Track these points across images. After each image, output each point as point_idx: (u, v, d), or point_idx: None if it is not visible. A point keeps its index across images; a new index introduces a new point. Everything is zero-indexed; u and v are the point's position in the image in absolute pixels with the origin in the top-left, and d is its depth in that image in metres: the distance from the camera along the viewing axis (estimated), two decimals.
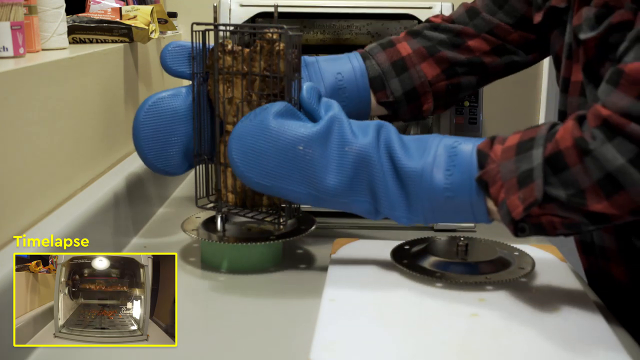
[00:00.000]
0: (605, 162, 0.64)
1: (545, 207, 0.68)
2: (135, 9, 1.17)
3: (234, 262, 0.89)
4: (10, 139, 0.74)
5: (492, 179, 0.72)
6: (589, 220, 0.67)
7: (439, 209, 0.76)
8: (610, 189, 0.64)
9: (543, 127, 0.71)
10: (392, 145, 0.77)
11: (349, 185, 0.77)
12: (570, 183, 0.66)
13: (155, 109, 0.89)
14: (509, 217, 0.71)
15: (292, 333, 0.74)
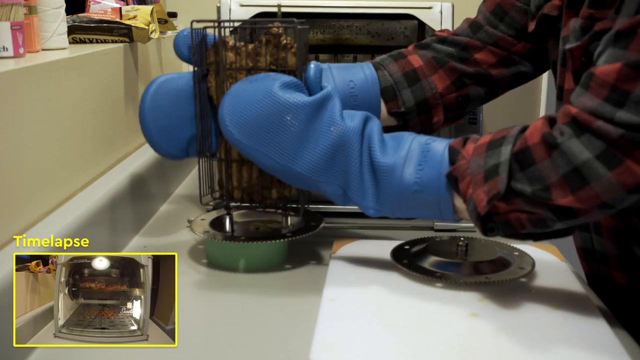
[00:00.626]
0: (572, 155, 0.65)
1: (511, 202, 0.69)
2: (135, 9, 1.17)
3: (249, 261, 0.89)
4: (10, 139, 0.74)
5: (462, 175, 0.73)
6: (555, 216, 0.68)
7: (406, 202, 0.77)
8: (576, 184, 0.65)
9: (515, 128, 0.72)
10: (373, 138, 0.78)
11: (325, 165, 0.77)
12: (536, 178, 0.67)
13: (164, 89, 0.89)
14: (475, 212, 0.72)
15: (292, 333, 0.74)
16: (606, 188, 0.64)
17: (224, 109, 0.78)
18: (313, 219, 0.94)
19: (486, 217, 0.72)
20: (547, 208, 0.67)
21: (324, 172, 0.78)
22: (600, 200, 0.65)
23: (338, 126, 0.77)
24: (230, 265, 0.89)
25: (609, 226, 0.84)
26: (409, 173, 0.76)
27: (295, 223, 0.93)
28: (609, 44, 0.66)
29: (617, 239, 0.84)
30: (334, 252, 0.92)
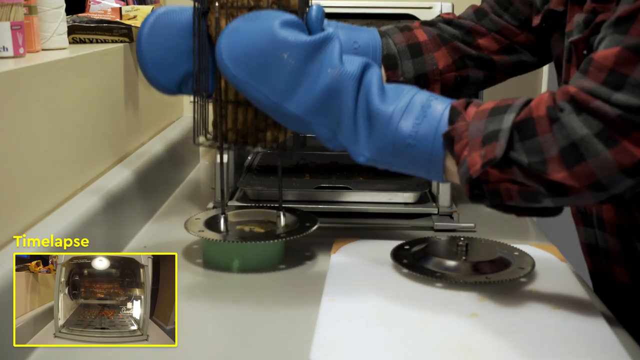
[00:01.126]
0: (571, 129, 0.64)
1: (504, 171, 0.68)
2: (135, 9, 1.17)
3: (243, 262, 0.89)
4: (11, 139, 0.74)
5: (459, 136, 0.72)
6: (546, 191, 0.67)
7: (397, 154, 0.75)
8: (573, 159, 0.64)
9: (521, 99, 0.71)
10: (372, 84, 0.76)
11: (318, 107, 0.76)
12: (534, 150, 0.66)
13: (163, 20, 0.87)
14: (467, 175, 0.70)
15: (292, 333, 0.74)
16: (602, 165, 0.63)
17: (221, 43, 0.76)
18: (308, 220, 0.93)
19: (476, 183, 0.71)
20: (540, 182, 0.67)
21: (316, 114, 0.76)
22: (594, 179, 0.64)
23: (335, 69, 0.75)
24: (226, 265, 0.89)
25: (612, 222, 0.84)
26: (405, 125, 0.74)
27: (291, 223, 0.93)
28: (609, 30, 0.66)
29: (620, 235, 0.84)
30: (334, 252, 0.92)
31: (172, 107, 1.44)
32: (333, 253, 0.92)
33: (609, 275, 0.87)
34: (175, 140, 1.31)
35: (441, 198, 1.07)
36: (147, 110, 1.23)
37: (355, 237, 0.98)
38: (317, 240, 0.98)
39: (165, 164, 1.21)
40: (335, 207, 1.09)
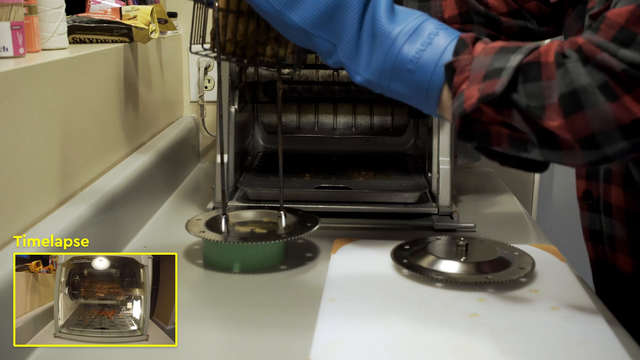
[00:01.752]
0: (575, 77, 0.63)
1: (500, 111, 0.66)
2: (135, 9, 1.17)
3: (244, 262, 0.89)
4: (10, 139, 0.74)
5: (461, 69, 0.70)
6: (538, 140, 0.65)
7: (396, 78, 0.73)
8: (571, 107, 0.63)
9: (532, 43, 0.69)
10: (381, 2, 0.74)
11: (322, 19, 0.74)
12: (535, 95, 0.65)
13: None
14: (460, 109, 0.68)
15: (292, 333, 0.74)
16: (600, 118, 0.62)
17: None
18: (309, 220, 0.94)
19: (467, 119, 0.69)
20: (534, 128, 0.65)
21: (320, 27, 0.74)
22: (589, 131, 0.63)
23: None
24: (226, 266, 0.89)
25: (620, 207, 0.84)
26: (409, 50, 0.72)
27: (291, 224, 0.93)
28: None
29: (628, 221, 0.83)
30: (334, 252, 0.92)
31: (172, 107, 1.44)
32: (333, 253, 0.92)
33: (611, 264, 0.87)
34: (175, 140, 1.31)
35: (441, 198, 1.07)
36: (147, 110, 1.23)
37: (355, 237, 0.98)
38: (317, 241, 0.98)
39: (165, 164, 1.21)
40: (335, 207, 1.09)
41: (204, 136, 1.53)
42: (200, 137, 1.53)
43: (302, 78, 1.42)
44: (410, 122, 1.42)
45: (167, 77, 1.38)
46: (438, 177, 1.08)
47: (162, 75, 1.33)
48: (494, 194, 1.30)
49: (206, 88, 1.50)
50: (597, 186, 0.88)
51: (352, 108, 1.44)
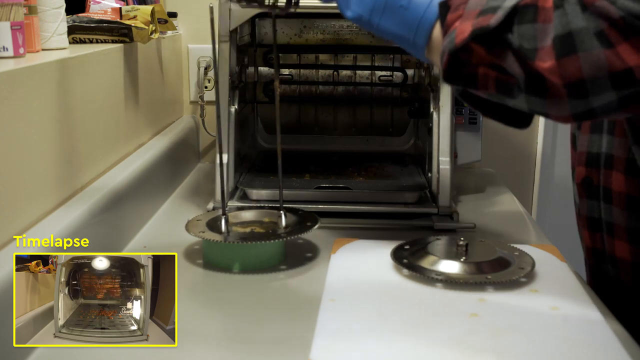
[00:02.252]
0: (571, 19, 0.62)
1: (491, 50, 0.65)
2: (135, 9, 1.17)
3: (244, 262, 0.89)
4: (10, 139, 0.74)
5: (456, 7, 0.69)
6: (525, 83, 0.64)
7: (388, 14, 0.73)
8: (564, 49, 0.62)
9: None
10: None
11: None
12: (529, 37, 0.64)
13: None
14: (451, 44, 0.67)
15: (292, 333, 0.74)
16: (592, 62, 0.61)
17: None
18: (309, 219, 0.94)
19: (456, 59, 0.67)
20: (524, 71, 0.64)
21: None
22: (579, 76, 0.61)
23: None
24: (226, 266, 0.89)
25: (621, 192, 0.83)
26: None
27: (291, 223, 0.93)
28: None
29: (629, 207, 0.83)
30: (334, 252, 0.92)
31: (172, 107, 1.44)
32: (333, 253, 0.92)
33: (608, 253, 0.86)
34: (175, 140, 1.31)
35: (441, 198, 1.07)
36: (147, 110, 1.23)
37: (355, 237, 0.98)
38: (317, 241, 0.98)
39: (165, 164, 1.21)
40: (335, 207, 1.09)
41: (204, 136, 1.53)
42: (200, 137, 1.53)
43: (302, 78, 1.42)
44: (410, 122, 1.42)
45: (167, 77, 1.38)
46: (438, 177, 1.08)
47: (162, 75, 1.33)
48: (494, 194, 1.30)
49: (206, 88, 1.50)
50: (598, 172, 0.88)
51: (352, 108, 1.44)
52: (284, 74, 1.41)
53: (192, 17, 1.49)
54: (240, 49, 1.18)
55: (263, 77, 1.40)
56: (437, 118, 1.09)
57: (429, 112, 1.12)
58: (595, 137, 0.88)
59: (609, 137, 0.86)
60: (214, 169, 1.08)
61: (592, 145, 0.89)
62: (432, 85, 1.15)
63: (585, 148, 0.90)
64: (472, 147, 1.26)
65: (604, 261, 0.88)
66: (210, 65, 1.49)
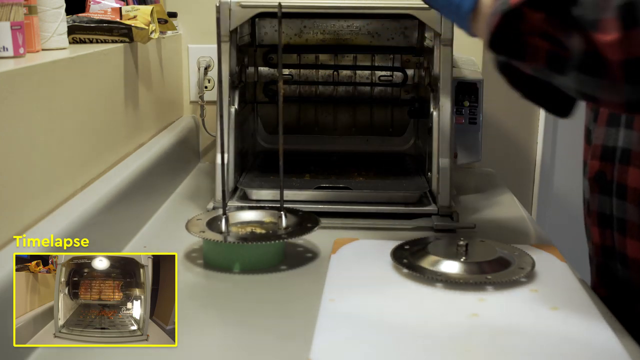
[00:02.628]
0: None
1: (549, 17, 0.58)
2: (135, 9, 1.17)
3: (244, 262, 0.89)
4: (10, 139, 0.74)
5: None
6: (580, 59, 0.57)
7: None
8: (632, 20, 0.54)
9: None
10: None
11: None
12: (591, 5, 0.56)
13: None
14: (505, 6, 0.60)
15: (292, 333, 0.74)
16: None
17: None
18: (309, 220, 0.94)
19: (507, 23, 0.60)
20: (582, 43, 0.57)
21: None
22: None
23: None
24: (227, 266, 0.89)
25: (637, 189, 0.81)
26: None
27: (292, 224, 0.93)
28: None
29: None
30: (334, 252, 0.92)
31: (172, 107, 1.44)
32: (333, 253, 0.92)
33: (618, 250, 0.85)
34: (175, 140, 1.31)
35: (441, 198, 1.07)
36: (147, 110, 1.23)
37: (355, 237, 0.98)
38: (317, 241, 0.98)
39: (165, 164, 1.21)
40: (335, 207, 1.09)
41: (204, 136, 1.53)
42: (200, 137, 1.53)
43: (302, 78, 1.42)
44: (410, 122, 1.42)
45: (167, 77, 1.38)
46: (438, 177, 1.08)
47: (162, 75, 1.33)
48: (494, 194, 1.30)
49: (206, 88, 1.50)
50: (612, 167, 0.85)
51: (352, 108, 1.44)
52: (284, 74, 1.40)
53: (192, 17, 1.49)
54: (240, 49, 1.18)
55: (263, 77, 1.40)
56: (437, 118, 1.09)
57: (429, 112, 1.12)
58: (612, 131, 0.85)
59: (627, 130, 0.83)
60: (214, 169, 1.08)
61: (609, 139, 0.86)
62: (432, 85, 1.15)
63: (601, 141, 0.87)
64: (472, 147, 1.26)
65: (614, 259, 0.86)
66: (210, 65, 1.49)
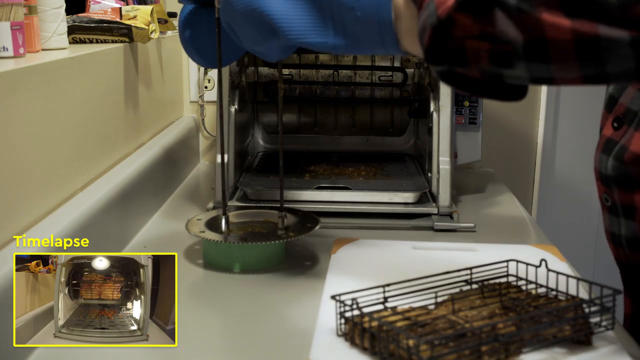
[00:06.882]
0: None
1: (481, 18, 0.53)
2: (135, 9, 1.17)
3: (244, 262, 0.89)
4: (11, 139, 0.74)
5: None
6: (525, 49, 0.52)
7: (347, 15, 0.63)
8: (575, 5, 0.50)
9: None
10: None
11: None
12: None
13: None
14: (433, 18, 0.55)
15: (292, 333, 0.74)
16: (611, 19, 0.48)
17: None
18: (309, 220, 0.94)
19: (440, 35, 0.55)
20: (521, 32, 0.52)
21: None
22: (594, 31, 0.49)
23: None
24: (227, 266, 0.89)
25: None
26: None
27: (292, 224, 0.93)
28: None
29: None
30: (334, 252, 0.92)
31: (172, 107, 1.44)
32: (333, 253, 0.92)
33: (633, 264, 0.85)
34: (175, 140, 1.31)
35: (441, 198, 1.07)
36: (147, 110, 1.23)
37: (355, 237, 0.98)
38: (317, 240, 0.98)
39: (165, 164, 1.21)
40: (335, 207, 1.09)
41: (204, 136, 1.53)
42: (200, 137, 1.53)
43: (302, 78, 1.42)
44: (410, 122, 1.42)
45: (167, 77, 1.38)
46: (438, 177, 1.08)
47: (162, 75, 1.33)
48: (494, 194, 1.30)
49: (206, 88, 1.50)
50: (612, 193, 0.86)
51: (352, 108, 1.44)
52: (284, 74, 1.40)
53: None
54: None
55: (263, 77, 1.40)
56: (437, 118, 1.09)
57: (429, 112, 1.12)
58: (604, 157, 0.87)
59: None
60: (214, 169, 1.08)
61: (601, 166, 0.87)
62: (432, 85, 1.15)
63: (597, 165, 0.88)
64: (472, 147, 1.26)
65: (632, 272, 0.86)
66: None
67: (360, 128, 1.44)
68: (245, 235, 0.90)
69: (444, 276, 0.76)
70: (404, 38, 0.62)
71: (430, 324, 0.65)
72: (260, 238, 0.88)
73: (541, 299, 0.72)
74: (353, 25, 0.64)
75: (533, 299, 0.72)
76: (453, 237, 1.03)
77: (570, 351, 0.66)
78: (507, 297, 0.72)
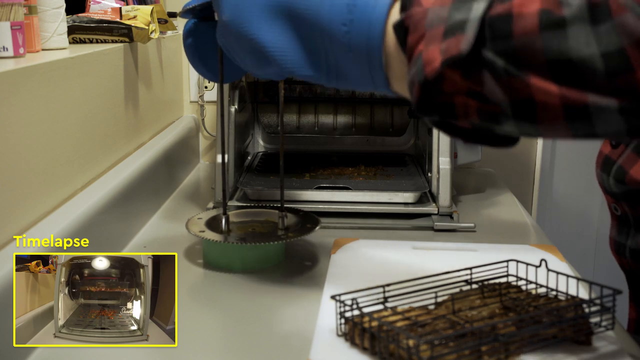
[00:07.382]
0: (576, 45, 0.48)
1: (470, 76, 0.52)
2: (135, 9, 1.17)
3: (244, 262, 0.89)
4: (10, 139, 0.74)
5: (414, 25, 0.56)
6: (513, 109, 0.52)
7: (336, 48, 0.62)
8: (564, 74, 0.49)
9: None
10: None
11: None
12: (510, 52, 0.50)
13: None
14: (420, 76, 0.55)
15: (292, 333, 0.74)
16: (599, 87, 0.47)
17: None
18: (310, 220, 0.94)
19: (428, 90, 0.55)
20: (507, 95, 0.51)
21: None
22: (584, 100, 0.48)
23: None
24: (227, 266, 0.89)
25: None
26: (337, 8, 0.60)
27: (292, 224, 0.93)
28: None
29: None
30: (334, 252, 0.92)
31: (172, 107, 1.44)
32: (333, 253, 0.92)
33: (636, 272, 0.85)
34: (175, 140, 1.31)
35: (441, 198, 1.07)
36: (147, 110, 1.23)
37: (355, 237, 0.98)
38: (317, 240, 0.98)
39: (165, 164, 1.21)
40: (335, 207, 1.09)
41: (204, 136, 1.53)
42: (200, 137, 1.53)
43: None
44: (410, 122, 1.42)
45: (167, 77, 1.38)
46: (438, 177, 1.08)
47: (162, 75, 1.33)
48: (494, 194, 1.30)
49: (206, 88, 1.50)
50: (621, 205, 0.85)
51: (352, 108, 1.44)
52: None
53: None
54: None
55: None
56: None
57: None
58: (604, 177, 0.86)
59: None
60: (214, 169, 1.08)
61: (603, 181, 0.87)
62: None
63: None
64: (472, 147, 1.26)
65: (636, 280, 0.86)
66: None
67: (360, 128, 1.44)
68: (245, 235, 0.90)
69: (444, 276, 0.76)
70: (395, 82, 0.62)
71: (430, 324, 0.66)
72: (260, 238, 0.88)
73: (541, 299, 0.72)
74: (345, 67, 0.63)
75: (533, 299, 0.72)
76: (453, 237, 1.03)
77: (570, 351, 0.66)
78: (507, 297, 0.72)
